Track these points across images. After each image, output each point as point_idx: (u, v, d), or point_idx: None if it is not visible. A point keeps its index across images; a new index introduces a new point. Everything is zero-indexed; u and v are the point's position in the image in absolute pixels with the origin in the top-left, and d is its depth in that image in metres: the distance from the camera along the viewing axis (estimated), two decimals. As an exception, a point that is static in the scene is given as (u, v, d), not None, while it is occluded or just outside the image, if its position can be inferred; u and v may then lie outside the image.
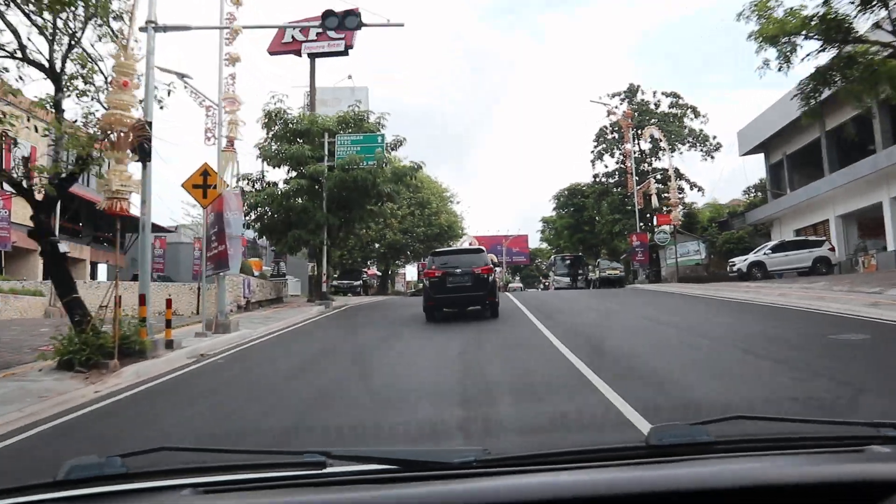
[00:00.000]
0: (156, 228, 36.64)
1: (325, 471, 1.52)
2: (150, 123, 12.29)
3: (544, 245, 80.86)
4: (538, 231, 74.29)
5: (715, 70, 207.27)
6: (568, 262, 52.05)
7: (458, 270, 15.84)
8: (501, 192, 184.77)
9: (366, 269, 49.61)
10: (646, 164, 45.59)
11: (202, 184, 14.88)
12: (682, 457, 1.53)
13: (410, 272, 68.29)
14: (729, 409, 5.30)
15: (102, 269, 46.62)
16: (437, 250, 19.23)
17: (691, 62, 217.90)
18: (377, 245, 44.47)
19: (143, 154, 11.83)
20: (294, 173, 25.01)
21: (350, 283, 42.72)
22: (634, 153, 43.66)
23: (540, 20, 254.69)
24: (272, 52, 35.70)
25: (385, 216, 33.18)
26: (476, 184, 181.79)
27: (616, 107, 47.20)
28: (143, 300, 11.69)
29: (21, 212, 31.14)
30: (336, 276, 45.65)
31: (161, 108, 15.11)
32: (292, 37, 34.46)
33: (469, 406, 6.70)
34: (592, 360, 8.76)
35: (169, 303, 12.82)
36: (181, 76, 15.78)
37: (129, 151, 11.32)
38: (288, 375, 9.80)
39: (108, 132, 10.85)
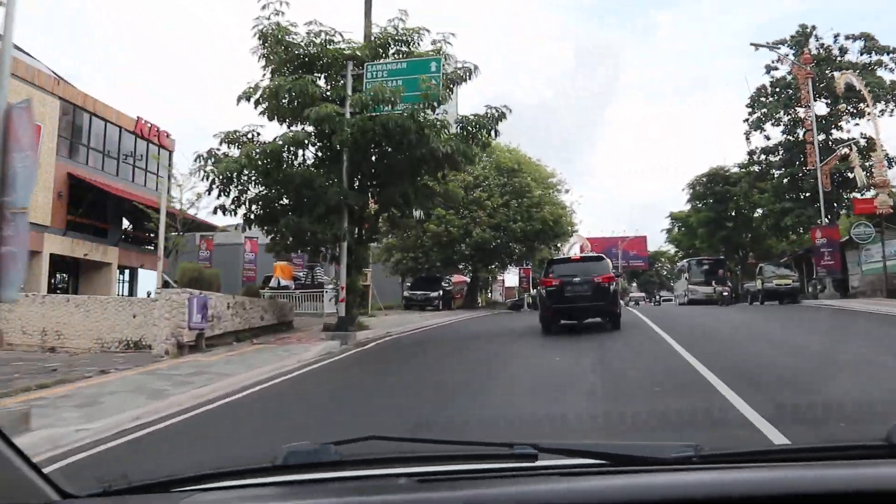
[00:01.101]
0: (202, 227, 28.80)
1: (536, 464, 1.44)
2: None
3: (668, 247, 68.55)
4: (663, 230, 62.01)
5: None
6: (706, 266, 40.49)
7: (577, 279, 14.65)
8: (613, 192, 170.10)
9: (450, 276, 39.58)
10: (824, 134, 33.11)
11: None
12: None
13: (511, 279, 57.78)
14: None
15: (147, 276, 39.06)
16: (555, 258, 19.37)
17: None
18: (462, 245, 34.56)
19: None
20: (301, 128, 15.37)
21: (426, 294, 33.04)
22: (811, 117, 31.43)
23: (656, 19, 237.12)
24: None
25: (455, 199, 22.58)
26: (585, 183, 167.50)
27: (779, 60, 35.08)
28: None
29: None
30: (409, 285, 36.22)
31: None
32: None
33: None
34: None
35: None
36: None
37: None
38: None
39: None
